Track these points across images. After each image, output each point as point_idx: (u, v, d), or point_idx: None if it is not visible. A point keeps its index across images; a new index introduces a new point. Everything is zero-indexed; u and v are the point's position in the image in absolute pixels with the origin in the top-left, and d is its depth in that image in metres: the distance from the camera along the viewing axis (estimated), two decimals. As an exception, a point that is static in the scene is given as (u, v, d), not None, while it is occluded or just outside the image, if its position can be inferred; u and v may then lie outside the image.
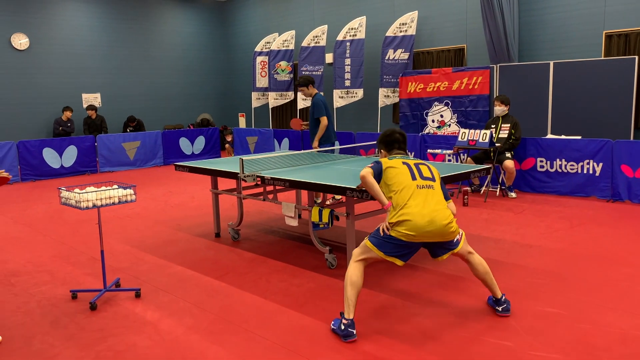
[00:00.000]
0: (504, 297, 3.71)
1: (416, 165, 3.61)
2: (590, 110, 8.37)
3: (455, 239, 3.54)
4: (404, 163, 3.59)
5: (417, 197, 3.42)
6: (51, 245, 5.82)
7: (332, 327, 3.48)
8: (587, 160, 7.45)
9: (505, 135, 7.70)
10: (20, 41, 12.63)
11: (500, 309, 3.68)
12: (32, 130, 12.97)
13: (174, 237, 6.01)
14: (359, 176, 4.07)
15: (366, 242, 3.52)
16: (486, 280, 3.67)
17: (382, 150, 3.84)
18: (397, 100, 11.09)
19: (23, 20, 12.66)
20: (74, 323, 3.76)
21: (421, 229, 3.33)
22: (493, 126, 7.86)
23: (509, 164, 7.58)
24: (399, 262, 3.47)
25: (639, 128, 8.37)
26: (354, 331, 3.35)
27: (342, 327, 3.35)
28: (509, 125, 7.70)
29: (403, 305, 3.90)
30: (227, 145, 13.39)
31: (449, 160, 8.74)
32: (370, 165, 3.61)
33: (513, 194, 7.71)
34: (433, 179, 3.57)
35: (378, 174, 3.58)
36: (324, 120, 6.79)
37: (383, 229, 3.47)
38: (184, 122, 15.73)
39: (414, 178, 3.50)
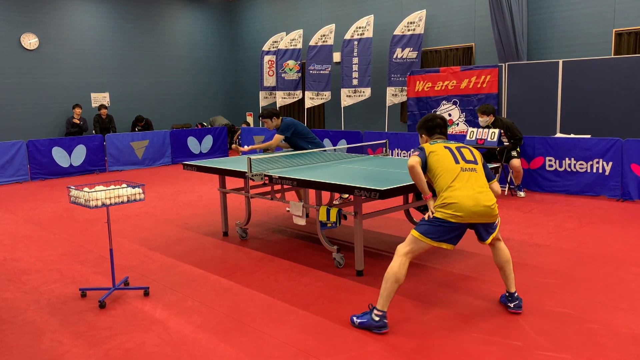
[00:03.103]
0: (517, 294, 3.70)
1: (458, 149, 3.65)
2: (600, 109, 8.31)
3: (496, 222, 3.61)
4: (445, 147, 3.63)
5: (461, 180, 3.48)
6: (61, 244, 5.85)
7: (360, 320, 3.49)
8: (597, 159, 7.40)
9: (504, 142, 7.65)
10: (30, 41, 12.71)
11: (512, 305, 3.68)
12: (41, 130, 13.07)
13: (182, 236, 6.03)
14: (407, 166, 4.13)
15: (413, 233, 3.52)
16: (505, 269, 3.70)
17: (423, 135, 3.86)
18: (405, 99, 11.07)
19: (32, 20, 12.75)
20: (83, 321, 3.78)
21: (468, 210, 3.39)
22: None
23: (516, 162, 7.54)
24: (448, 247, 3.49)
25: (650, 127, 8.30)
26: (387, 322, 3.44)
27: (377, 318, 3.40)
28: (502, 131, 7.63)
29: (412, 304, 3.89)
30: (234, 145, 13.42)
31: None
32: (416, 153, 3.61)
33: (522, 193, 7.67)
34: (476, 162, 3.63)
35: (424, 162, 3.60)
36: (277, 137, 6.37)
37: (428, 215, 3.52)
38: (192, 122, 15.78)
39: (457, 162, 3.55)
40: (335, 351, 3.22)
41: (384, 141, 6.46)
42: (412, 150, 3.58)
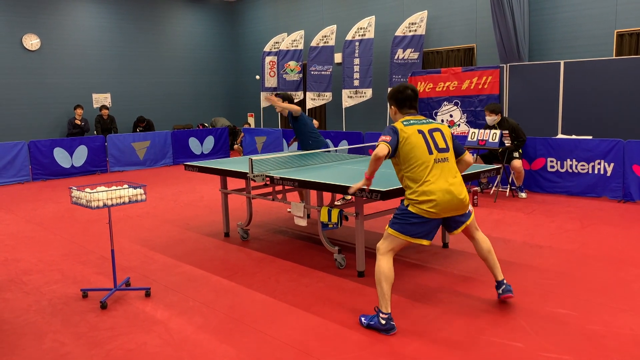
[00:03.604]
0: (505, 281, 3.79)
1: (430, 132, 3.53)
2: (602, 110, 8.30)
3: (468, 210, 3.63)
4: (419, 132, 3.50)
5: (435, 173, 3.43)
6: (62, 245, 5.86)
7: (368, 322, 3.50)
8: (598, 161, 7.39)
9: (507, 142, 7.64)
10: (32, 42, 12.74)
11: (501, 290, 3.76)
12: (43, 130, 13.08)
13: (183, 237, 6.04)
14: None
15: (388, 230, 3.51)
16: (489, 260, 3.76)
17: (392, 107, 3.73)
18: (406, 100, 11.05)
19: (34, 21, 12.77)
20: (84, 322, 3.78)
21: (442, 205, 3.40)
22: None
23: (517, 163, 7.54)
24: (425, 242, 3.50)
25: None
26: (394, 324, 3.44)
27: (383, 321, 3.41)
28: (507, 131, 7.62)
29: (412, 305, 3.88)
30: (236, 146, 13.42)
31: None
32: (386, 139, 3.45)
33: (523, 194, 7.66)
34: (447, 149, 3.55)
35: (395, 147, 3.48)
36: (296, 107, 6.44)
37: (361, 188, 3.69)
38: (194, 122, 15.79)
39: (430, 152, 3.47)
40: (336, 352, 3.22)
41: (385, 142, 6.44)
42: (383, 133, 3.54)
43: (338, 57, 12.64)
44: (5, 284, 4.62)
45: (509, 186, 7.86)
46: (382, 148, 3.42)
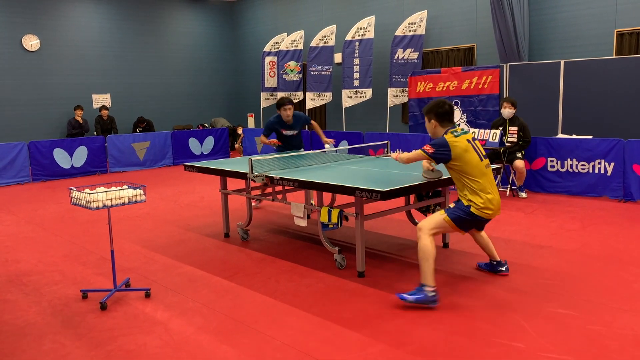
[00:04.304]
0: (503, 260, 4.41)
1: (472, 141, 3.99)
2: (602, 110, 8.29)
3: None
4: (468, 141, 3.93)
5: (490, 179, 3.95)
6: (62, 245, 5.85)
7: (416, 297, 3.77)
8: (599, 160, 7.39)
9: (514, 139, 7.64)
10: (31, 42, 12.73)
11: (504, 269, 4.37)
12: (43, 131, 13.08)
13: (183, 237, 6.03)
14: (400, 162, 4.35)
15: (445, 218, 3.92)
16: (489, 245, 4.37)
17: (432, 120, 4.07)
18: (406, 100, 11.06)
19: (34, 21, 12.77)
20: (84, 323, 3.78)
21: (496, 211, 3.96)
22: (500, 127, 7.79)
23: (520, 164, 7.53)
24: (463, 233, 4.08)
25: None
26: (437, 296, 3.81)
27: (430, 294, 3.74)
28: (516, 128, 7.63)
29: (414, 306, 3.88)
30: (237, 146, 13.41)
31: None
32: (430, 150, 3.93)
33: (524, 194, 7.66)
34: (486, 156, 4.04)
35: (450, 156, 3.89)
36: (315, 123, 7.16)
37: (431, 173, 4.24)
38: (193, 123, 15.78)
39: (481, 159, 3.94)
40: (336, 352, 3.21)
41: (386, 142, 6.46)
42: (436, 147, 3.89)
43: (338, 57, 12.64)
44: (5, 286, 4.62)
45: (509, 186, 7.86)
46: (418, 155, 4.05)
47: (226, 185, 5.97)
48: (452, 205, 4.02)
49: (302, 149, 7.14)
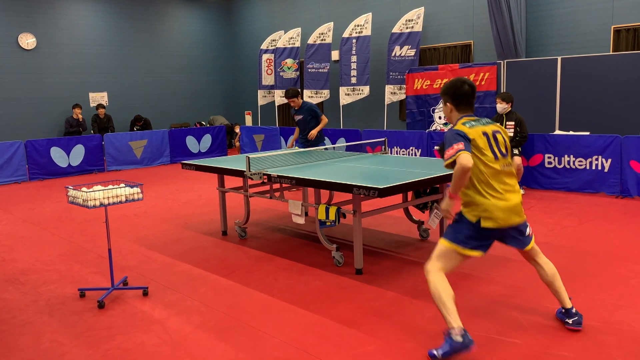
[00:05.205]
0: (575, 309, 3.39)
1: (493, 135, 3.22)
2: (599, 106, 8.30)
3: (524, 220, 3.31)
4: (483, 134, 3.17)
5: (502, 182, 3.17)
6: (59, 244, 5.84)
7: (442, 350, 2.99)
8: (596, 156, 7.39)
9: (511, 134, 7.64)
10: (28, 41, 12.68)
11: (570, 321, 3.35)
12: (40, 130, 13.04)
13: (181, 236, 6.02)
14: (444, 159, 3.18)
15: (443, 242, 3.19)
16: (554, 284, 3.37)
17: (448, 103, 3.34)
18: (403, 97, 11.05)
19: (30, 20, 12.72)
20: (82, 321, 3.77)
21: (506, 215, 3.13)
22: (497, 123, 7.78)
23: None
24: (479, 254, 3.20)
25: (648, 123, 8.29)
26: (471, 337, 3.02)
27: (461, 338, 2.97)
28: (513, 122, 7.63)
29: (411, 304, 3.88)
30: (237, 144, 13.40)
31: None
32: (461, 147, 3.02)
33: (521, 191, 7.66)
34: (507, 154, 3.26)
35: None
36: (325, 118, 7.73)
37: (448, 213, 3.19)
38: (191, 121, 15.76)
39: (496, 158, 3.16)
40: (334, 350, 3.21)
41: (383, 139, 6.46)
42: (453, 141, 3.06)
43: (335, 55, 12.61)
44: (2, 284, 4.61)
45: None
46: (467, 158, 2.98)
47: (224, 183, 5.96)
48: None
49: (315, 136, 7.68)
